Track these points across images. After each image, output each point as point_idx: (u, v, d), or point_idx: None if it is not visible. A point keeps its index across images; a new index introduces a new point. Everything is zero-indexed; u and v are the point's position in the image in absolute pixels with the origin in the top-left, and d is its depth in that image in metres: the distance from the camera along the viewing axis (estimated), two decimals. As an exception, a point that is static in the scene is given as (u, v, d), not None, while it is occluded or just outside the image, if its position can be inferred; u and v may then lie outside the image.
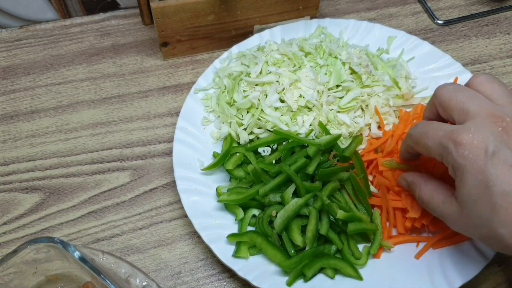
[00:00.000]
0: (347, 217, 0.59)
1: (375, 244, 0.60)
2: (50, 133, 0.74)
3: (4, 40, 0.83)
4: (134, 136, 0.74)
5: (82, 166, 0.71)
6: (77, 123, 0.75)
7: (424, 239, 0.61)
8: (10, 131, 0.74)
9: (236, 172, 0.65)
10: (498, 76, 0.79)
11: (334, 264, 0.58)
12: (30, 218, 0.67)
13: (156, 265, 0.63)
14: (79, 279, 0.54)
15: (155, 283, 0.52)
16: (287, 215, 0.60)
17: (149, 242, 0.65)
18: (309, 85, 0.68)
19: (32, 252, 0.50)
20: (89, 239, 0.65)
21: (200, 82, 0.73)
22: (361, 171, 0.63)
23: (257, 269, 0.59)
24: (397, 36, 0.77)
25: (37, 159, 0.71)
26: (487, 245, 0.52)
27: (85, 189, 0.69)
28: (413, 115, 0.68)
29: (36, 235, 0.65)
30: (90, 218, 0.67)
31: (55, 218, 0.67)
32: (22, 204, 0.68)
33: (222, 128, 0.69)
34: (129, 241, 0.65)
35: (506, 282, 0.62)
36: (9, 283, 0.51)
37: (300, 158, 0.63)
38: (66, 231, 0.66)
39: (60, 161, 0.71)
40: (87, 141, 0.73)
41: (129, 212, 0.67)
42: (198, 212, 0.62)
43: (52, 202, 0.68)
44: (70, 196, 0.68)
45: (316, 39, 0.76)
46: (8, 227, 0.66)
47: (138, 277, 0.52)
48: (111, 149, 0.73)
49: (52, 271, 0.54)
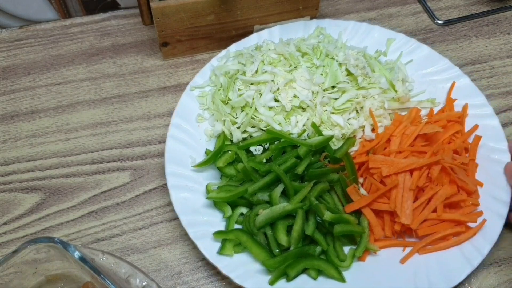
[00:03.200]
0: (334, 219, 0.59)
1: (361, 246, 0.60)
2: (50, 133, 0.74)
3: (4, 40, 0.83)
4: (134, 136, 0.74)
5: (82, 166, 0.71)
6: (77, 123, 0.75)
7: (410, 243, 0.61)
8: (10, 131, 0.74)
9: (227, 170, 0.65)
10: (498, 76, 0.79)
11: (318, 265, 0.58)
12: (30, 218, 0.67)
13: (156, 265, 0.63)
14: (79, 279, 0.54)
15: (155, 283, 0.53)
16: (272, 216, 0.60)
17: (149, 242, 0.65)
18: (304, 86, 0.68)
19: (32, 252, 0.50)
20: (89, 239, 0.65)
21: (196, 80, 0.73)
22: (352, 173, 0.63)
23: (241, 267, 0.59)
24: (396, 39, 0.77)
25: (37, 159, 0.71)
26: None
27: (85, 189, 0.69)
28: (407, 118, 0.68)
29: (36, 235, 0.65)
30: (90, 218, 0.67)
31: (55, 218, 0.67)
32: (22, 204, 0.68)
33: (216, 126, 0.69)
34: (129, 241, 0.65)
35: (506, 282, 0.62)
36: (9, 283, 0.51)
37: (290, 158, 0.63)
38: (66, 231, 0.66)
39: (60, 161, 0.71)
40: (87, 141, 0.73)
41: (129, 212, 0.67)
42: (187, 208, 0.62)
43: (52, 202, 0.68)
44: (70, 196, 0.68)
45: (314, 39, 0.76)
46: (8, 227, 0.66)
47: (138, 277, 0.52)
48: (111, 149, 0.73)
49: (52, 271, 0.54)
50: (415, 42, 0.76)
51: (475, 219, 0.61)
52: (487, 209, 0.62)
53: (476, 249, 0.59)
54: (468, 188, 0.62)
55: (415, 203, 0.61)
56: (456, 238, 0.61)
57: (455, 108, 0.70)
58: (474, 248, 0.59)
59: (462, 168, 0.64)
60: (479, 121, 0.68)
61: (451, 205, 0.62)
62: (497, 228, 0.60)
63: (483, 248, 0.59)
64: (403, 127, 0.66)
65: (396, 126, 0.67)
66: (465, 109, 0.70)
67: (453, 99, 0.71)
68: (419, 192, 0.62)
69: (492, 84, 0.78)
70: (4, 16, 0.83)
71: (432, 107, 0.71)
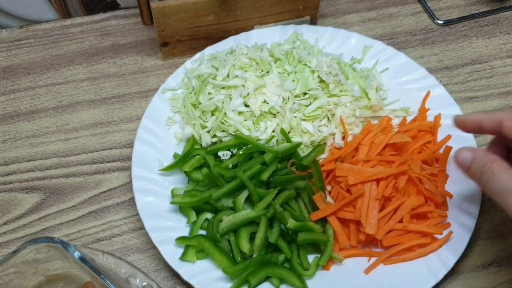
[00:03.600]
0: (298, 227, 0.58)
1: (325, 255, 0.59)
2: (50, 133, 0.74)
3: (4, 40, 0.83)
4: (134, 136, 0.73)
5: (82, 166, 0.71)
6: (77, 123, 0.75)
7: (376, 253, 0.61)
8: (10, 131, 0.74)
9: (194, 175, 0.65)
10: (498, 76, 0.79)
11: (280, 273, 0.58)
12: (30, 218, 0.67)
13: (156, 265, 0.63)
14: (79, 279, 0.54)
15: (155, 283, 0.53)
16: (234, 222, 0.59)
17: (149, 242, 0.65)
18: (274, 91, 0.67)
19: (32, 252, 0.50)
20: (89, 239, 0.65)
21: (169, 82, 0.73)
22: (319, 181, 0.63)
23: (203, 274, 0.59)
24: (373, 46, 0.77)
25: (37, 159, 0.71)
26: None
27: (85, 189, 0.69)
28: (377, 127, 0.67)
29: (36, 235, 0.65)
30: (90, 218, 0.67)
31: (55, 218, 0.67)
32: (22, 204, 0.68)
33: (185, 129, 0.69)
34: (129, 241, 0.65)
35: (506, 282, 0.62)
36: (9, 283, 0.51)
37: (256, 164, 0.62)
38: (66, 231, 0.66)
39: (60, 161, 0.71)
40: (87, 141, 0.73)
41: (129, 212, 0.67)
42: (151, 212, 0.62)
43: (52, 202, 0.68)
44: (70, 196, 0.68)
45: (289, 45, 0.75)
46: (8, 227, 0.66)
47: (138, 277, 0.52)
48: (111, 149, 0.73)
49: (52, 271, 0.54)
50: (392, 50, 0.76)
51: (441, 231, 0.60)
52: (455, 221, 0.61)
53: (441, 262, 0.59)
54: (436, 199, 0.62)
55: (380, 213, 0.60)
56: (422, 249, 0.60)
57: (429, 118, 0.69)
58: (439, 260, 0.59)
59: (431, 179, 0.63)
60: (453, 131, 0.65)
61: (419, 216, 0.62)
62: (464, 240, 0.60)
63: (449, 260, 0.59)
64: (373, 136, 0.66)
65: (364, 135, 0.66)
66: (437, 119, 0.69)
67: (427, 108, 0.70)
68: (386, 202, 0.61)
69: (492, 84, 0.78)
70: (4, 16, 0.83)
71: (406, 116, 0.70)
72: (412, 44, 0.83)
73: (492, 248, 0.64)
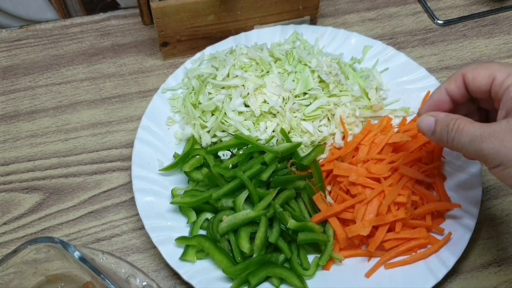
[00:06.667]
0: (298, 227, 0.59)
1: (325, 255, 0.59)
2: (50, 133, 0.74)
3: (4, 40, 0.83)
4: (134, 136, 0.73)
5: (82, 166, 0.71)
6: (77, 123, 0.75)
7: (376, 254, 0.60)
8: (10, 131, 0.74)
9: (194, 175, 0.65)
10: (498, 76, 0.79)
11: (280, 273, 0.58)
12: (30, 218, 0.67)
13: (156, 265, 0.63)
14: (79, 279, 0.54)
15: (155, 283, 0.53)
16: (234, 222, 0.59)
17: (149, 242, 0.65)
18: (274, 91, 0.67)
19: (32, 252, 0.50)
20: (89, 239, 0.65)
21: (169, 82, 0.73)
22: (319, 181, 0.63)
23: (203, 274, 0.59)
24: (373, 46, 0.77)
25: (37, 159, 0.71)
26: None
27: (85, 189, 0.69)
28: (377, 127, 0.67)
29: (36, 235, 0.65)
30: (90, 218, 0.67)
31: (55, 218, 0.67)
32: (22, 204, 0.68)
33: (185, 129, 0.69)
34: (129, 241, 0.65)
35: (506, 282, 0.62)
36: (9, 283, 0.51)
37: (256, 164, 0.62)
38: (66, 231, 0.66)
39: (60, 161, 0.71)
40: (87, 141, 0.73)
41: (129, 212, 0.67)
42: (151, 212, 0.62)
43: (52, 202, 0.68)
44: (70, 196, 0.68)
45: (289, 45, 0.75)
46: (8, 227, 0.66)
47: (138, 277, 0.52)
48: (111, 149, 0.73)
49: (52, 271, 0.54)
50: (392, 50, 0.76)
51: (441, 229, 0.61)
52: (455, 221, 0.62)
53: (441, 262, 0.59)
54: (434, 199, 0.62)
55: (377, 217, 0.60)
56: (422, 252, 0.60)
57: None
58: (439, 260, 0.59)
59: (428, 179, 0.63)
60: None
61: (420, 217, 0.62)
62: (464, 240, 0.60)
63: (449, 260, 0.59)
64: (372, 136, 0.66)
65: (364, 135, 0.66)
66: None
67: None
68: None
69: (492, 84, 0.78)
70: (4, 16, 0.83)
71: (406, 116, 0.70)
72: (412, 44, 0.83)
73: (492, 248, 0.64)
